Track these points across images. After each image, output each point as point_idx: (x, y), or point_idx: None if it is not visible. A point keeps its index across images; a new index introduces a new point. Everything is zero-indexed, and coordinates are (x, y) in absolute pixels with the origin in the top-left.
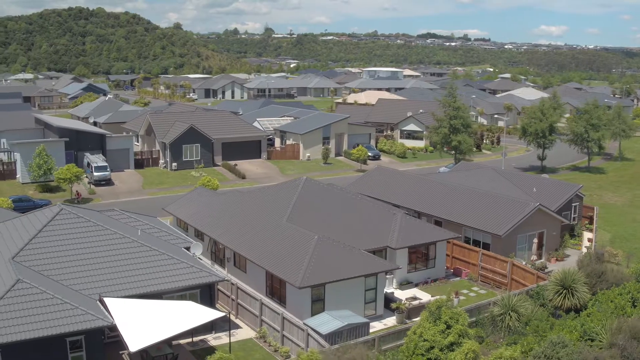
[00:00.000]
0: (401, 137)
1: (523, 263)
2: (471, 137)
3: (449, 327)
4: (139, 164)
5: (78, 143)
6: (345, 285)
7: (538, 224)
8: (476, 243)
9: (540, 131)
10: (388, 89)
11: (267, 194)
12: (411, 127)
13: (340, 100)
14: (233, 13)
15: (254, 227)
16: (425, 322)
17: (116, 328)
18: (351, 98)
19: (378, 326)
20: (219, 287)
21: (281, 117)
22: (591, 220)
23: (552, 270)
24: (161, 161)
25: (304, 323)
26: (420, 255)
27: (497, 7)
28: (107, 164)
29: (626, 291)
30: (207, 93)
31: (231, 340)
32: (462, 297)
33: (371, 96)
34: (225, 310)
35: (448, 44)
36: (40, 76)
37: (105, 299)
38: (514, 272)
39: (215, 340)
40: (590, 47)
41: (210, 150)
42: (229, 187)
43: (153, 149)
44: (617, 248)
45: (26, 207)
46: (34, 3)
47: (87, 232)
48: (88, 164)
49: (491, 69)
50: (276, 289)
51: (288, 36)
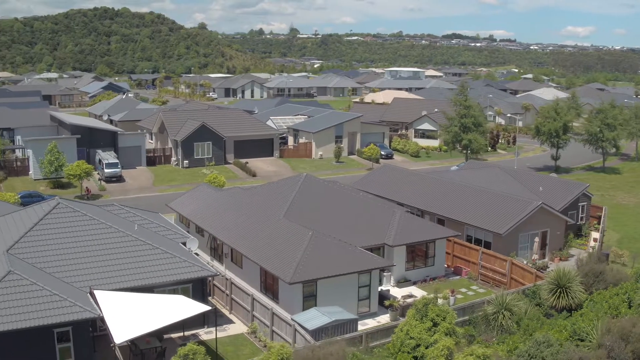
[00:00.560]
0: (415, 136)
1: (524, 262)
2: (483, 136)
3: (436, 325)
4: (151, 162)
5: (90, 140)
6: (338, 281)
7: (541, 223)
8: (478, 242)
9: (553, 130)
10: (409, 89)
11: (268, 191)
12: (425, 126)
13: (357, 99)
14: (259, 13)
15: (252, 223)
16: (411, 320)
17: (104, 320)
18: (369, 97)
19: (371, 323)
20: (215, 283)
21: (295, 116)
22: (600, 220)
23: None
24: (173, 159)
25: (292, 319)
26: (418, 253)
27: (524, 8)
28: (118, 161)
29: (623, 291)
30: (227, 92)
31: (224, 335)
32: (460, 296)
33: (389, 95)
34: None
35: (473, 45)
36: (65, 75)
37: (95, 292)
38: (513, 271)
39: (206, 334)
40: (617, 48)
41: (221, 148)
42: (239, 185)
43: (166, 147)
44: (625, 248)
45: (36, 203)
46: (62, 3)
47: (83, 226)
48: (99, 161)
49: (516, 70)
50: (270, 285)
51: (313, 36)
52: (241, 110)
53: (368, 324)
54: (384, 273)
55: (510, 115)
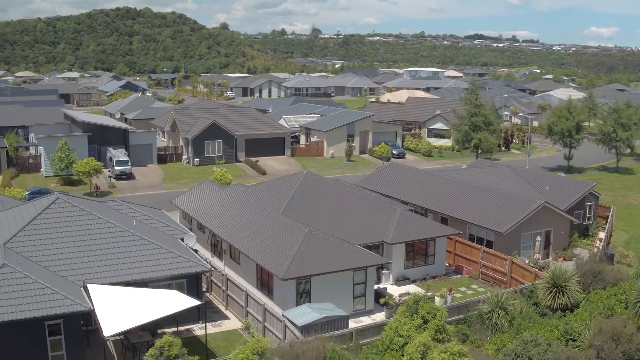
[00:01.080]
0: (428, 136)
1: (526, 262)
2: (494, 136)
3: (426, 322)
4: (162, 159)
5: (102, 138)
6: (333, 278)
7: (545, 222)
8: (480, 240)
9: (566, 130)
10: (426, 89)
11: (269, 188)
12: (438, 126)
13: (373, 99)
14: (281, 14)
15: (251, 220)
16: (402, 317)
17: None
18: (385, 97)
19: (366, 321)
20: (213, 279)
21: (308, 115)
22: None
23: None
24: (184, 157)
25: (282, 314)
26: (418, 251)
27: (547, 9)
28: (129, 159)
29: (621, 291)
30: (245, 92)
31: (218, 331)
32: (459, 295)
33: (405, 95)
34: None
35: (495, 45)
36: (86, 75)
37: (88, 285)
38: (513, 271)
39: (200, 330)
40: None
41: (232, 146)
42: (249, 183)
43: (177, 145)
44: (633, 249)
45: None
46: (85, 4)
47: (80, 221)
48: (110, 159)
49: (538, 71)
50: (265, 281)
51: (335, 37)
52: (253, 109)
53: (363, 322)
54: (383, 271)
55: (525, 115)
